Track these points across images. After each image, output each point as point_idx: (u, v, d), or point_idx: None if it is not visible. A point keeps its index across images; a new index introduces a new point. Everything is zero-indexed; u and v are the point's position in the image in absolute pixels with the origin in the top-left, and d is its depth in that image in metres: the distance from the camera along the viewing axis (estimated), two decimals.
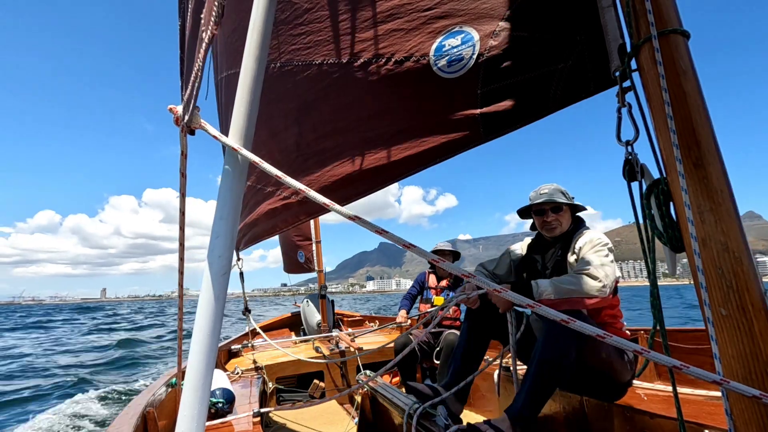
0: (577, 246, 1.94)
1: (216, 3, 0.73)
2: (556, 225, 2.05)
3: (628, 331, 2.07)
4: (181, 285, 1.22)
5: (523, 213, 2.23)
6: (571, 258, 1.94)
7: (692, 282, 0.88)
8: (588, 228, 2.04)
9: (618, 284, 1.96)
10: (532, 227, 2.26)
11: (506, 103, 1.30)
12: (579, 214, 2.14)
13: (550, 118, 1.30)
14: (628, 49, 1.04)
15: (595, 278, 1.72)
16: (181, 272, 1.16)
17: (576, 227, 2.06)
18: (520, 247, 2.28)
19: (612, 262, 1.82)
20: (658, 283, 1.00)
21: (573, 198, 2.12)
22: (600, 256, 1.81)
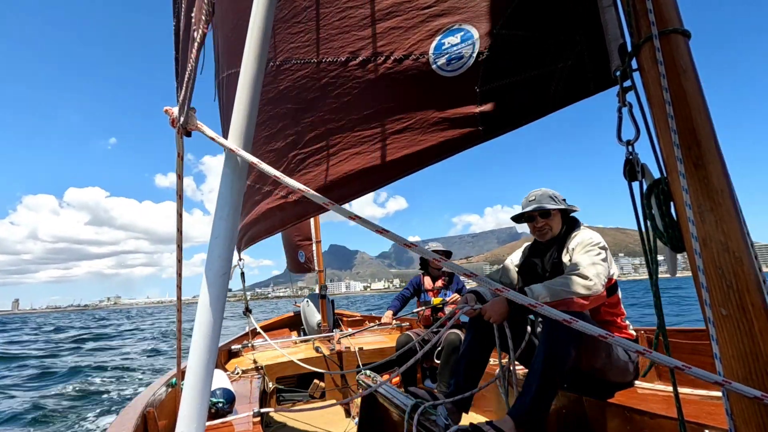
0: (570, 247, 1.96)
1: (206, 2, 0.73)
2: (546, 230, 2.07)
3: (633, 330, 2.08)
4: (179, 286, 1.22)
5: (518, 219, 2.25)
6: (566, 258, 1.97)
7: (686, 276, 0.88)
8: (582, 228, 2.06)
9: (616, 281, 1.97)
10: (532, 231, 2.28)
11: (506, 102, 1.30)
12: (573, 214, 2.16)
13: None
14: (629, 48, 1.04)
15: (585, 277, 1.73)
16: (179, 274, 1.17)
17: (570, 228, 2.08)
18: (519, 253, 2.32)
19: (604, 260, 1.84)
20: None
21: (564, 200, 2.13)
22: (591, 256, 1.83)
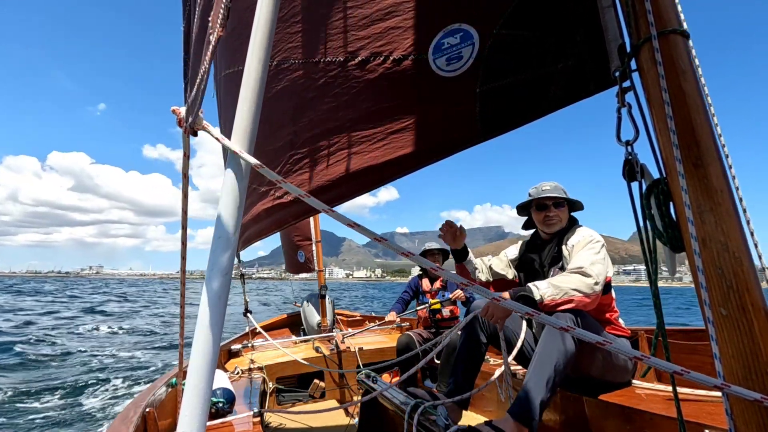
0: (570, 243, 1.98)
1: (222, 5, 0.73)
2: (556, 220, 2.09)
3: (628, 329, 2.09)
4: (183, 282, 1.22)
5: (521, 210, 2.26)
6: (565, 252, 1.98)
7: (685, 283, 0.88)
8: (581, 226, 2.08)
9: (611, 281, 1.99)
10: (525, 226, 2.30)
11: (505, 102, 1.30)
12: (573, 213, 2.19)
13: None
14: (628, 49, 1.04)
15: (588, 276, 1.74)
16: (183, 270, 1.16)
17: (571, 224, 2.12)
18: (516, 248, 2.32)
19: (604, 259, 1.85)
20: (644, 284, 1.01)
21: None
22: (592, 254, 1.84)
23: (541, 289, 1.71)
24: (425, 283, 3.98)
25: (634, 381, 2.03)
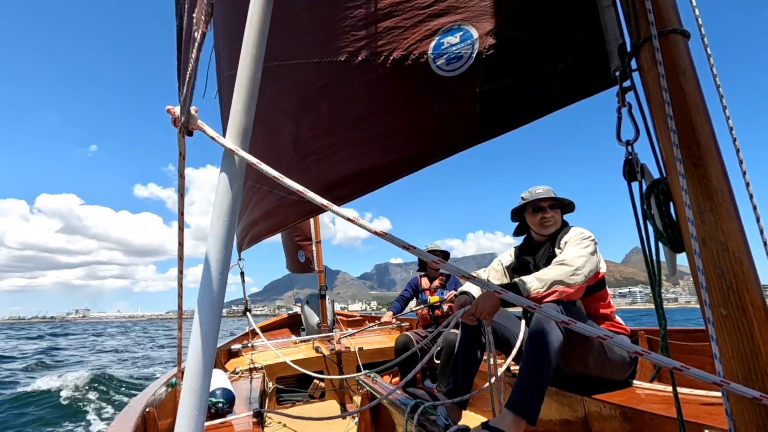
0: (563, 242, 2.01)
1: (205, 2, 0.73)
2: (552, 222, 2.12)
3: (627, 328, 2.10)
4: (180, 284, 1.22)
5: (515, 215, 2.29)
6: (558, 252, 2.02)
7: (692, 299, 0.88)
8: (572, 227, 2.11)
9: (604, 276, 2.01)
10: (516, 232, 2.33)
11: (505, 102, 1.30)
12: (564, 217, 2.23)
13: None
14: (628, 48, 1.04)
15: (570, 265, 1.79)
16: (180, 271, 1.16)
17: (563, 226, 2.16)
18: (509, 254, 2.34)
19: (593, 253, 1.88)
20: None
21: None
22: (579, 248, 1.89)
23: (528, 283, 1.74)
24: (424, 282, 4.00)
25: (634, 381, 2.02)
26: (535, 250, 2.17)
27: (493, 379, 1.85)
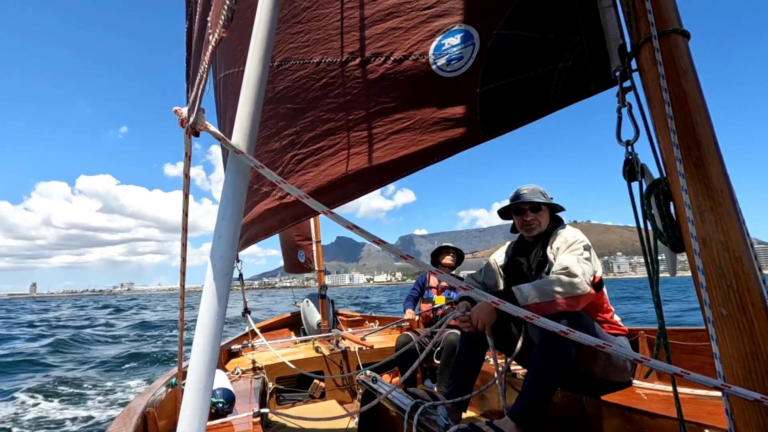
0: (554, 245, 1.98)
1: (226, 6, 0.73)
2: (535, 225, 2.08)
3: (625, 327, 2.08)
4: (182, 285, 1.22)
5: (504, 214, 2.26)
6: (550, 256, 1.98)
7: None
8: (565, 227, 2.07)
9: (602, 279, 1.99)
10: (513, 230, 2.30)
11: (506, 102, 1.30)
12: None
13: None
14: (629, 49, 1.04)
15: (573, 276, 1.73)
16: (182, 272, 1.16)
17: (554, 226, 2.11)
18: (502, 252, 2.32)
19: (588, 259, 1.85)
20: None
21: (552, 198, 2.16)
22: (576, 255, 1.84)
23: (524, 292, 1.70)
24: (432, 279, 3.96)
25: (634, 381, 2.02)
26: (528, 251, 2.15)
27: (496, 381, 1.86)
